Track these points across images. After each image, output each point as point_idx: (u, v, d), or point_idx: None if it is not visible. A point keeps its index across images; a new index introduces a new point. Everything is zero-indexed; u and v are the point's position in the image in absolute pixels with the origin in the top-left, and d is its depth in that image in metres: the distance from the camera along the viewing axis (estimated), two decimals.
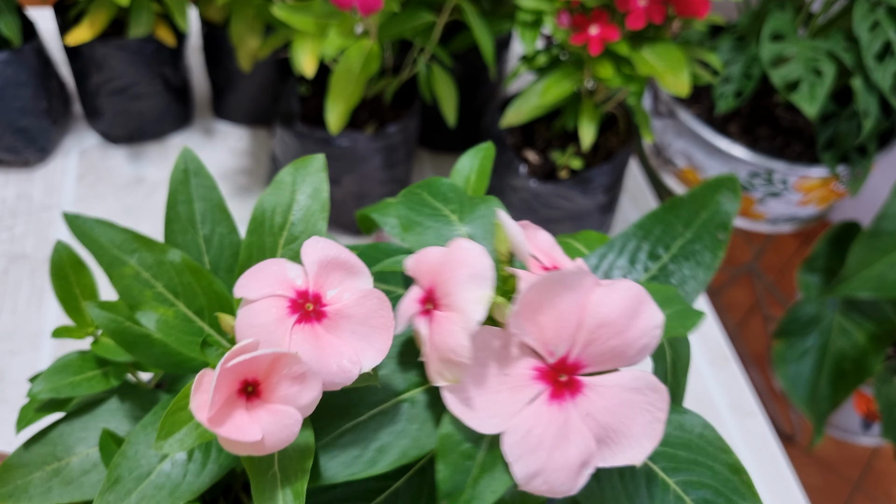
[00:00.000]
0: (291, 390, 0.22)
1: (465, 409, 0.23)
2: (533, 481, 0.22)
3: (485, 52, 0.70)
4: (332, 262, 0.23)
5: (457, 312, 0.22)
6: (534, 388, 0.23)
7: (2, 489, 0.29)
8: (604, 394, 0.23)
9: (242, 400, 0.22)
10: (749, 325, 1.71)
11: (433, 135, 0.95)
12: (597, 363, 0.23)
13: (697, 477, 0.25)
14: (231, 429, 0.21)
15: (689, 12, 0.63)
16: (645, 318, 0.23)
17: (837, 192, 0.89)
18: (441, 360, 0.22)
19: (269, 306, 0.23)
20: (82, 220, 0.25)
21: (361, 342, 0.23)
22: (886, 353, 0.83)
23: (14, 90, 0.81)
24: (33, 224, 0.83)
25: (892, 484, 1.48)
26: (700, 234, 0.28)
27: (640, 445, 0.22)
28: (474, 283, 0.22)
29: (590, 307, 0.22)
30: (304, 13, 0.64)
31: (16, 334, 0.73)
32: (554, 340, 0.23)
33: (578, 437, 0.22)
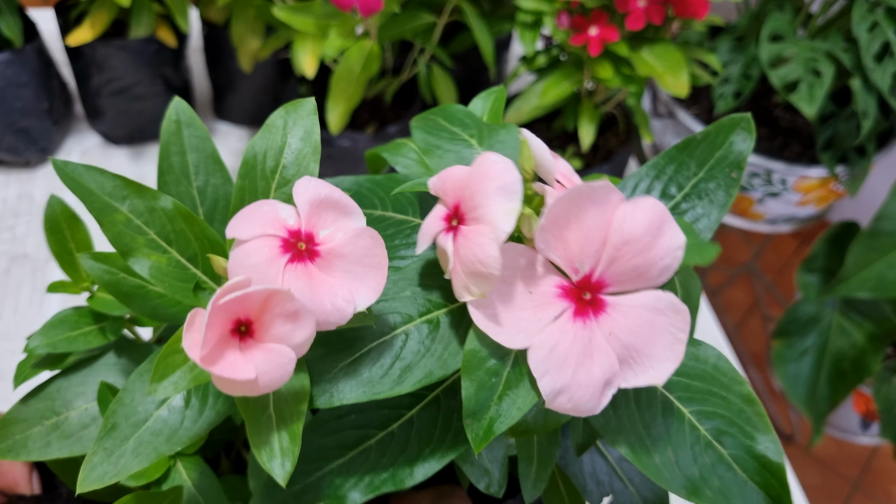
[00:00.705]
0: (285, 328, 0.22)
1: (492, 324, 0.23)
2: (558, 398, 0.22)
3: (485, 52, 0.70)
4: (325, 201, 0.23)
5: (485, 224, 0.22)
6: (558, 306, 0.23)
7: (0, 444, 0.29)
8: (627, 313, 0.23)
9: (235, 339, 0.22)
10: (748, 325, 1.71)
11: None
12: (620, 282, 0.23)
13: (711, 407, 0.25)
14: (224, 367, 0.21)
15: (689, 13, 0.63)
16: (668, 237, 0.22)
17: (836, 192, 0.90)
18: (469, 273, 0.22)
19: (261, 246, 0.23)
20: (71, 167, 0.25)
21: (355, 281, 0.23)
22: (885, 353, 0.83)
23: (15, 91, 0.81)
24: (34, 224, 0.83)
25: (891, 483, 1.48)
26: (713, 173, 0.28)
27: (662, 366, 0.23)
28: (503, 194, 0.22)
29: (615, 223, 0.22)
30: (305, 14, 0.65)
31: (17, 334, 0.73)
32: (579, 257, 0.22)
33: (602, 355, 0.22)
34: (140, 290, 0.26)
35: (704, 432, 0.25)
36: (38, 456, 0.29)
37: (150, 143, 0.93)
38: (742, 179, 0.88)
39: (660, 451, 0.24)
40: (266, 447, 0.23)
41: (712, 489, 0.24)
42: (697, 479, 0.24)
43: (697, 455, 0.25)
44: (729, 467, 0.25)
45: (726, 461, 0.25)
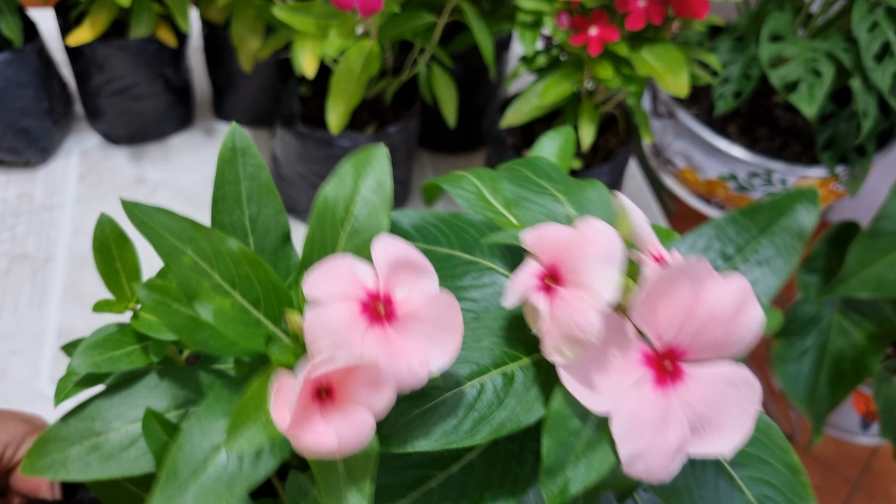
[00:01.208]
0: (367, 395, 0.22)
1: (581, 387, 0.23)
2: (635, 463, 0.23)
3: (485, 52, 0.70)
4: (402, 262, 0.23)
5: (587, 291, 0.22)
6: (641, 372, 0.23)
7: (39, 461, 0.29)
8: (703, 384, 0.23)
9: (317, 405, 0.22)
10: None
11: (433, 135, 0.95)
12: (700, 352, 0.24)
13: (760, 473, 0.25)
14: (309, 437, 0.22)
15: (689, 13, 0.63)
16: (749, 313, 0.23)
17: (836, 192, 0.90)
18: (564, 336, 0.23)
19: (341, 309, 0.23)
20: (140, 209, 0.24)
21: (430, 344, 0.23)
22: (885, 353, 0.83)
23: (15, 91, 0.81)
24: (34, 224, 0.83)
25: (892, 483, 1.48)
26: (773, 240, 0.28)
27: (730, 437, 0.23)
28: (607, 263, 0.23)
29: (704, 298, 0.23)
30: (305, 14, 0.64)
31: (17, 334, 0.73)
32: (665, 327, 0.23)
33: (677, 423, 0.23)
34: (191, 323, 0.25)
35: (751, 497, 0.25)
36: (77, 476, 0.29)
37: (151, 143, 0.93)
38: (742, 180, 0.88)
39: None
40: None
41: None
42: None
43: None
44: None
45: None
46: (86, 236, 0.83)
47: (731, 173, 0.89)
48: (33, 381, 0.70)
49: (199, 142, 0.95)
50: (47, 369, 0.71)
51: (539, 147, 0.33)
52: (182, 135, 0.95)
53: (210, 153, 0.94)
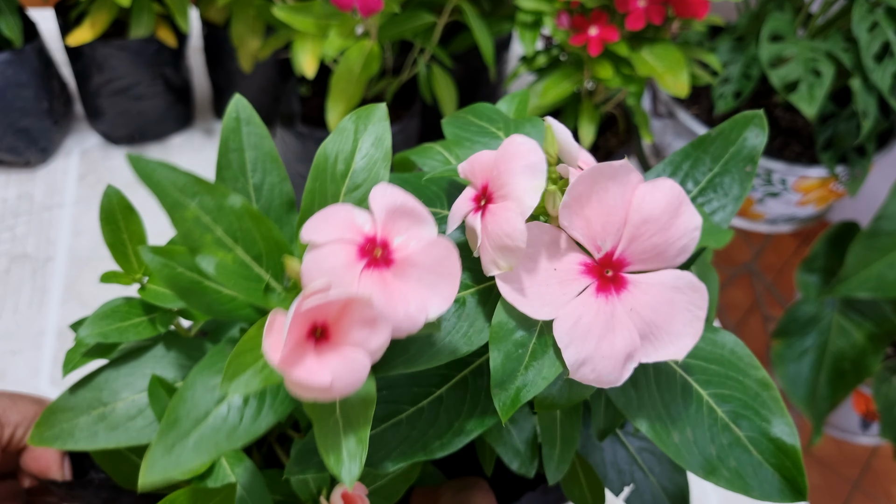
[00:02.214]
0: (361, 335, 0.22)
1: (519, 296, 0.24)
2: (581, 368, 0.23)
3: (485, 52, 0.70)
4: (400, 209, 0.23)
5: (512, 200, 0.23)
6: (581, 282, 0.24)
7: (47, 432, 0.30)
8: (647, 290, 0.24)
9: (311, 343, 0.22)
10: (748, 325, 1.71)
11: (433, 135, 0.95)
12: (641, 261, 0.24)
13: (729, 390, 0.26)
14: (302, 372, 0.21)
15: (689, 13, 0.63)
16: (685, 217, 0.24)
17: (836, 192, 0.90)
18: (496, 247, 0.24)
19: (337, 251, 0.23)
20: (144, 162, 0.24)
21: (427, 290, 0.23)
22: (885, 353, 0.83)
23: (15, 91, 0.81)
24: (34, 224, 0.83)
25: (891, 483, 1.48)
26: (728, 168, 0.29)
27: (681, 341, 0.24)
28: (529, 172, 0.23)
29: (635, 203, 0.24)
30: (305, 14, 0.65)
31: (17, 334, 0.73)
32: (601, 235, 0.24)
33: (624, 329, 0.23)
34: (197, 286, 0.25)
35: (722, 414, 0.26)
36: (84, 445, 0.29)
37: (151, 143, 0.93)
38: None
39: (678, 431, 0.25)
40: (333, 451, 0.23)
41: (729, 469, 0.25)
42: (714, 460, 0.25)
43: (715, 436, 0.26)
44: (745, 449, 0.26)
45: (742, 443, 0.26)
46: (86, 236, 0.83)
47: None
48: (33, 381, 0.70)
49: (199, 142, 0.95)
50: (47, 369, 0.71)
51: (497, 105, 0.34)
52: (182, 135, 0.95)
53: (210, 153, 0.94)
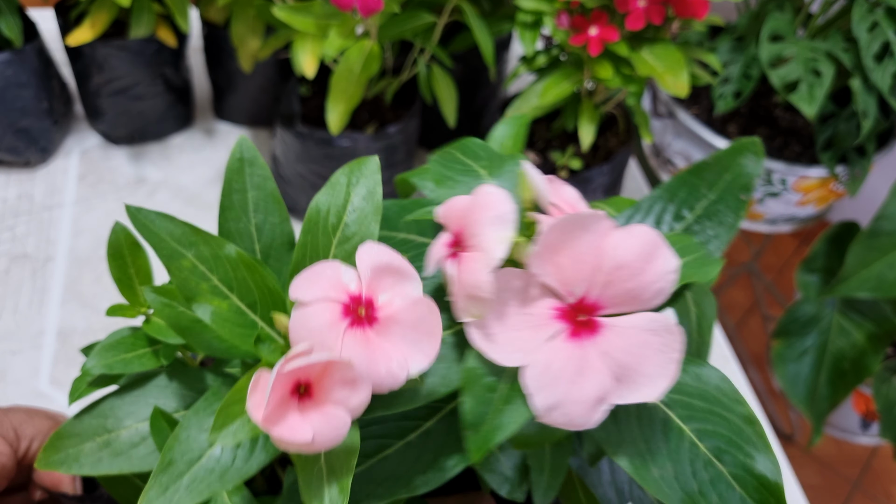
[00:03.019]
0: (342, 393, 0.23)
1: (489, 343, 0.24)
2: (551, 413, 0.24)
3: (485, 52, 0.70)
4: (385, 267, 0.24)
5: (481, 251, 0.24)
6: (553, 327, 0.24)
7: (54, 456, 0.31)
8: (621, 334, 0.24)
9: (295, 400, 0.23)
10: (748, 325, 1.71)
11: (433, 135, 0.95)
12: (614, 305, 0.24)
13: (712, 426, 0.26)
14: (284, 429, 0.23)
15: (689, 13, 0.63)
16: (660, 261, 0.24)
17: (836, 192, 0.90)
18: (467, 296, 0.24)
19: (323, 310, 0.24)
20: (143, 214, 0.26)
21: (410, 347, 0.24)
22: (885, 353, 0.83)
23: (15, 91, 0.81)
24: (34, 224, 0.83)
25: (891, 483, 1.48)
26: (723, 196, 0.30)
27: (655, 384, 0.24)
28: (497, 223, 0.24)
29: (607, 249, 0.24)
30: (305, 14, 0.65)
31: (17, 334, 0.73)
32: (573, 281, 0.24)
33: (596, 373, 0.24)
34: (196, 326, 0.27)
35: (704, 450, 0.26)
36: (88, 471, 0.30)
37: (150, 144, 0.93)
38: None
39: (658, 466, 0.25)
40: (317, 499, 0.24)
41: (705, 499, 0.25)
42: (696, 495, 0.25)
43: (697, 471, 0.26)
44: (728, 485, 0.25)
45: (725, 479, 0.26)
46: (86, 236, 0.83)
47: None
48: (33, 382, 0.70)
49: (199, 142, 0.95)
50: (47, 369, 0.71)
51: (495, 130, 0.35)
52: (182, 135, 0.95)
53: (210, 153, 0.94)
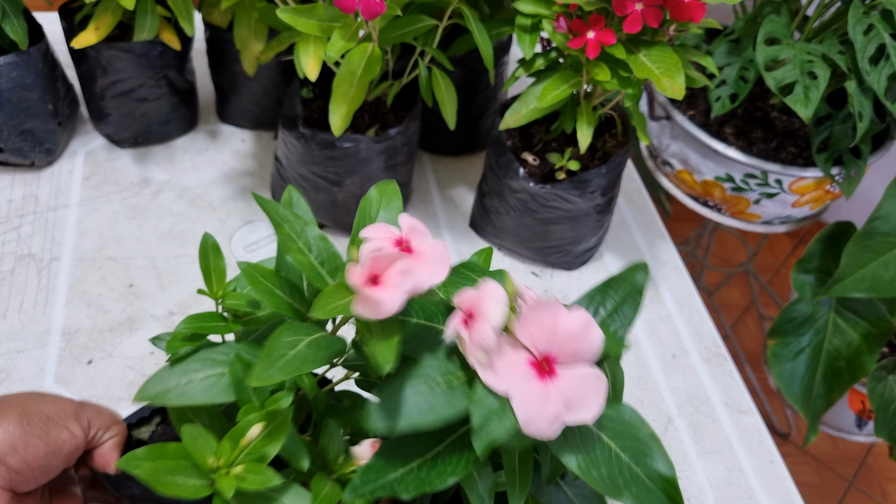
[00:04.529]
0: (399, 279, 0.36)
1: (491, 378, 0.38)
2: (528, 426, 0.37)
3: (484, 56, 0.71)
4: (414, 227, 0.40)
5: (486, 320, 0.38)
6: (528, 371, 0.38)
7: (148, 392, 0.42)
8: (569, 378, 0.38)
9: (370, 285, 0.36)
10: (744, 325, 1.72)
11: (434, 137, 0.96)
12: (566, 360, 0.38)
13: (629, 442, 0.40)
14: (367, 297, 0.36)
15: (685, 16, 0.64)
16: (593, 332, 0.38)
17: (832, 193, 0.91)
18: (476, 348, 0.38)
19: (384, 242, 0.39)
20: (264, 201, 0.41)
21: (431, 269, 0.38)
22: (881, 352, 0.84)
23: (20, 92, 0.82)
24: (39, 224, 0.84)
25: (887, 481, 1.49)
26: (626, 298, 0.46)
27: (591, 410, 0.38)
28: (496, 302, 0.38)
29: (560, 323, 0.38)
30: (309, 16, 0.65)
31: (22, 333, 0.74)
32: (539, 342, 0.38)
33: (554, 402, 0.37)
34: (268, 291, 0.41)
35: (626, 459, 0.40)
36: (174, 402, 0.42)
37: (154, 145, 0.94)
38: (738, 181, 0.89)
39: (596, 469, 0.39)
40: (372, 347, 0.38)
41: (631, 493, 0.39)
42: (622, 487, 0.39)
43: (621, 471, 0.39)
44: (642, 480, 0.39)
45: (640, 477, 0.39)
46: (90, 236, 0.84)
47: (727, 175, 0.90)
48: (38, 380, 0.71)
49: (203, 144, 0.96)
50: (52, 368, 0.71)
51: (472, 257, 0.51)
52: (186, 137, 0.96)
53: (213, 155, 0.94)
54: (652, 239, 0.93)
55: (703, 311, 0.87)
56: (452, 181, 0.96)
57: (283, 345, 0.38)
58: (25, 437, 0.44)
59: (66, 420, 0.47)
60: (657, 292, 0.87)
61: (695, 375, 0.80)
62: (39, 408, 0.46)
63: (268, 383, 0.36)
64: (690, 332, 0.84)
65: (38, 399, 0.47)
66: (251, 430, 0.40)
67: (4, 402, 0.46)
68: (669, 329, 0.84)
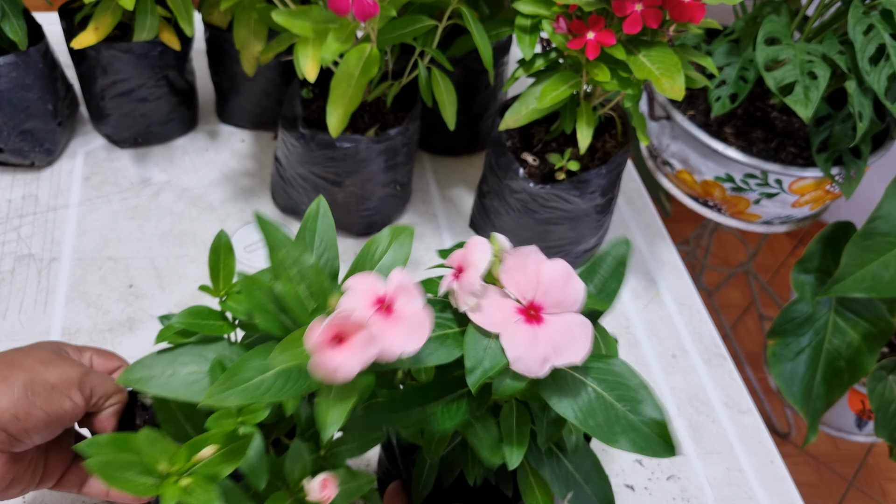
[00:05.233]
0: (360, 347, 0.35)
1: (480, 318, 0.40)
2: (517, 363, 0.40)
3: (484, 56, 0.71)
4: (404, 286, 0.38)
5: (473, 268, 0.40)
6: (516, 316, 0.41)
7: (132, 377, 0.43)
8: (556, 324, 0.41)
9: (331, 346, 0.35)
10: (744, 324, 1.72)
11: (434, 138, 0.96)
12: (550, 307, 0.41)
13: (621, 391, 0.42)
14: (322, 357, 0.35)
15: (685, 17, 0.64)
16: (575, 282, 0.41)
17: (832, 193, 0.90)
18: (466, 293, 0.40)
19: (362, 297, 0.38)
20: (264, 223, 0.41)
21: (406, 337, 0.37)
22: (881, 352, 0.84)
23: (20, 93, 0.82)
24: (39, 225, 0.84)
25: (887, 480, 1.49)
26: (612, 273, 0.48)
27: (577, 353, 0.40)
28: (482, 252, 0.40)
29: (542, 272, 0.40)
30: (304, 18, 0.65)
31: (22, 333, 0.74)
32: (524, 291, 0.41)
33: (542, 344, 0.40)
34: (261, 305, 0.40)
35: (620, 407, 0.42)
36: (154, 391, 0.42)
37: (154, 146, 0.94)
38: (738, 181, 0.89)
39: (592, 418, 0.41)
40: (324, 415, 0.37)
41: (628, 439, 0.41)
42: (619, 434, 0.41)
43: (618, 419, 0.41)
44: (636, 427, 0.41)
45: (634, 422, 0.41)
46: (90, 237, 0.84)
47: (727, 175, 0.90)
48: None
49: (203, 144, 0.96)
50: None
51: None
52: (186, 137, 0.96)
53: (213, 155, 0.94)
54: (652, 239, 0.93)
55: (703, 311, 0.87)
56: (452, 181, 0.96)
57: (251, 368, 0.37)
58: (28, 406, 0.46)
59: (69, 389, 0.48)
60: (657, 292, 0.87)
61: (695, 375, 0.80)
62: (45, 376, 0.47)
63: (220, 406, 0.36)
64: (690, 332, 0.84)
65: (46, 364, 0.48)
66: (203, 451, 0.40)
67: (14, 365, 0.47)
68: (669, 329, 0.84)
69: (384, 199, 0.84)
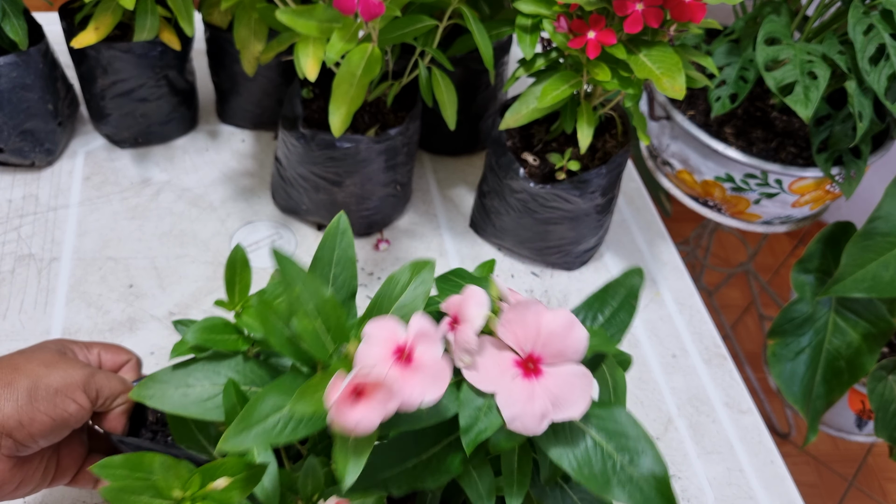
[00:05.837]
0: (380, 403, 0.35)
1: (476, 378, 0.39)
2: (514, 422, 0.38)
3: (484, 56, 0.71)
4: (424, 333, 0.38)
5: (469, 323, 0.39)
6: (513, 370, 0.39)
7: (145, 392, 0.43)
8: (555, 377, 0.39)
9: (352, 399, 0.35)
10: (744, 325, 1.72)
11: (434, 138, 0.96)
12: (551, 358, 0.39)
13: (622, 441, 0.41)
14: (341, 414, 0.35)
15: (686, 17, 0.64)
16: (577, 331, 0.39)
17: (832, 193, 0.91)
18: (461, 350, 0.39)
19: (382, 347, 0.37)
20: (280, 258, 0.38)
21: (427, 386, 0.37)
22: (881, 352, 0.84)
23: (20, 93, 0.82)
24: (40, 225, 0.84)
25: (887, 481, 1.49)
26: (622, 304, 0.47)
27: (577, 407, 0.39)
28: (478, 306, 0.39)
29: (543, 324, 0.39)
30: (308, 18, 0.65)
31: (22, 333, 0.74)
32: (523, 343, 0.39)
33: (540, 400, 0.38)
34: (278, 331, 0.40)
35: (619, 458, 0.40)
36: (168, 408, 0.42)
37: (155, 146, 0.94)
38: (738, 181, 0.89)
39: (588, 467, 0.40)
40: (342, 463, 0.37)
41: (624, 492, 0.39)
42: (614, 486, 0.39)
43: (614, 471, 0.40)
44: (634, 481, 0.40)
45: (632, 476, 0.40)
46: (90, 237, 0.84)
47: (727, 175, 0.90)
48: None
49: (203, 144, 0.96)
50: None
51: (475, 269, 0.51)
52: (186, 137, 0.96)
53: (213, 155, 0.94)
54: (652, 239, 0.93)
55: (703, 312, 0.87)
56: (452, 181, 0.96)
57: (267, 407, 0.37)
58: (32, 412, 0.45)
59: (74, 392, 0.47)
60: (657, 292, 0.88)
61: (695, 375, 0.80)
62: (49, 381, 0.47)
63: (238, 449, 0.35)
64: (690, 332, 0.84)
65: (49, 368, 0.48)
66: (217, 481, 0.40)
67: (17, 369, 0.47)
68: (669, 329, 0.84)
69: (384, 199, 0.84)
